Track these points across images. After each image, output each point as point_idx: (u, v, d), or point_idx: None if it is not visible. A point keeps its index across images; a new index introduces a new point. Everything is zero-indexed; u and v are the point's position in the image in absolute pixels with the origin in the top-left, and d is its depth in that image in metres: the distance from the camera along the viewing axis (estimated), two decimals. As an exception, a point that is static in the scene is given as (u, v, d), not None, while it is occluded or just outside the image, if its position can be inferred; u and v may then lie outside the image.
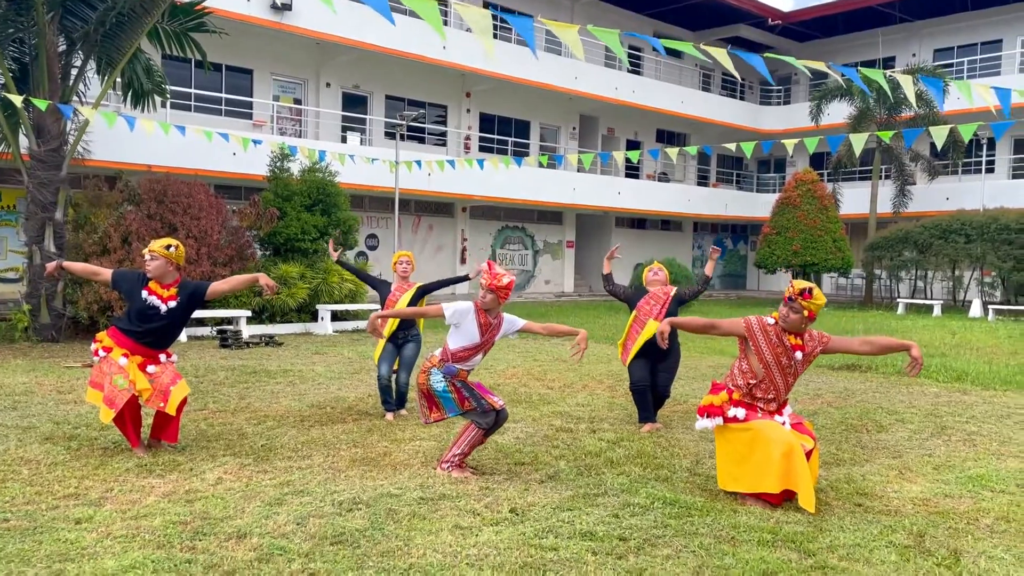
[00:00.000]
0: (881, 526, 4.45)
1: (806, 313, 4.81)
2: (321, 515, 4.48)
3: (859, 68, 7.09)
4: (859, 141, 9.63)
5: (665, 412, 7.67)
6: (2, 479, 5.06)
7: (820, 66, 6.27)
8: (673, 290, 7.00)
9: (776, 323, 4.93)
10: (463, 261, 27.67)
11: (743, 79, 36.28)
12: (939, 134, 8.76)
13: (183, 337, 13.01)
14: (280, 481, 5.15)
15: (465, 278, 7.78)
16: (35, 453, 5.71)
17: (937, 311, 22.71)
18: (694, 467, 5.71)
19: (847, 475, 5.50)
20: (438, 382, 5.28)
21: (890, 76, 6.66)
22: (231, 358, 11.24)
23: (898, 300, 24.45)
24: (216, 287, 5.80)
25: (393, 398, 7.37)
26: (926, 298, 25.41)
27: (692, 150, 10.95)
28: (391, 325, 7.25)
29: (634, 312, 6.99)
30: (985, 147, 29.17)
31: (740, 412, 4.85)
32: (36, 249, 12.42)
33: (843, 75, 6.53)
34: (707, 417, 4.95)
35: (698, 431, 5.39)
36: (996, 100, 6.57)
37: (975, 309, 22.34)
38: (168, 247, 5.71)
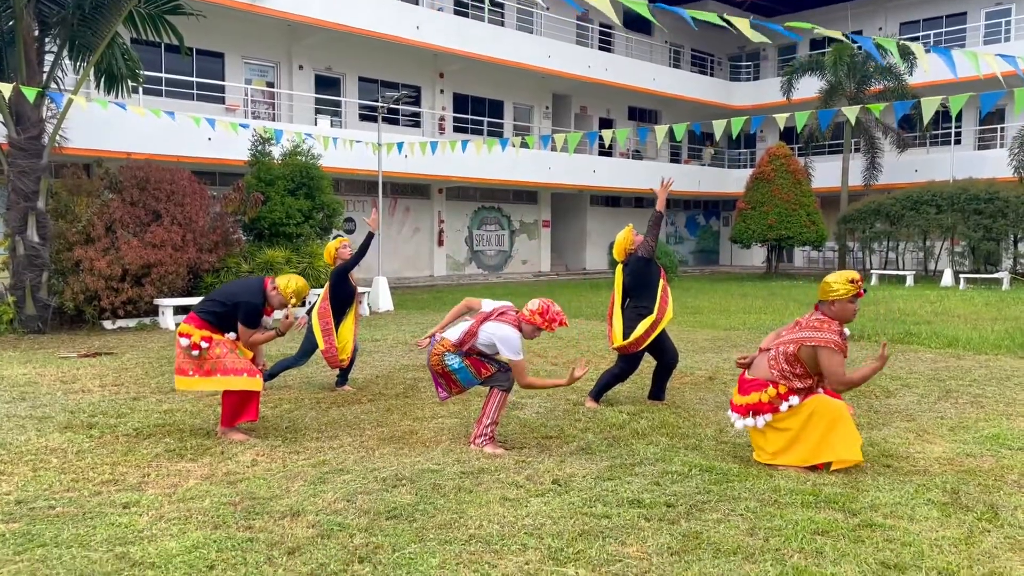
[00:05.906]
0: (915, 485, 4.59)
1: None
2: (368, 492, 4.51)
3: (847, 39, 7.21)
4: (852, 113, 9.80)
5: (674, 384, 7.78)
6: (33, 469, 5.01)
7: (836, 34, 6.33)
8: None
9: (841, 331, 4.82)
10: (440, 243, 27.61)
11: (712, 55, 36.47)
12: (928, 107, 8.90)
13: (173, 324, 12.85)
14: (316, 461, 5.16)
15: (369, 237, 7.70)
16: (58, 442, 5.65)
17: (910, 281, 23.18)
18: (719, 435, 5.82)
19: (869, 438, 5.64)
20: (452, 360, 5.31)
21: (902, 44, 6.78)
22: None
23: (871, 271, 24.89)
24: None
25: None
26: (898, 269, 25.90)
27: (680, 131, 10.93)
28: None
29: (661, 282, 6.79)
30: (953, 119, 29.62)
31: (795, 399, 4.80)
32: (19, 239, 12.16)
33: (857, 43, 6.60)
34: (753, 416, 4.85)
35: (737, 426, 5.09)
36: (1003, 67, 6.70)
37: (947, 278, 22.83)
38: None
